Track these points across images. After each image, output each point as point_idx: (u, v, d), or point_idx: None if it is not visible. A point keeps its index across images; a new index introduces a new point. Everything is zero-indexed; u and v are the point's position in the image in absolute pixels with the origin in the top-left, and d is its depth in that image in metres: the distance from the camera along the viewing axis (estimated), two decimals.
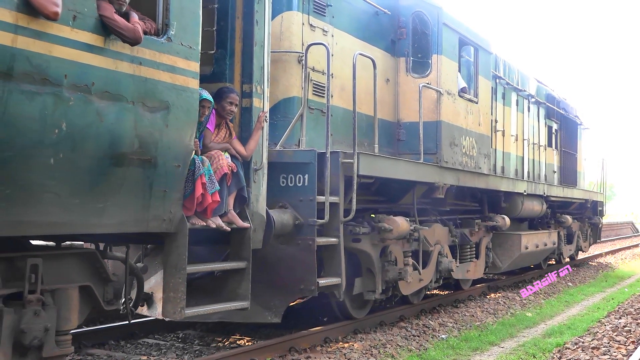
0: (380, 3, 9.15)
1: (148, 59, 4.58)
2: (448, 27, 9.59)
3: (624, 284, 15.16)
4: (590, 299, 12.60)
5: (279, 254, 6.87)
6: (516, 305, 11.24)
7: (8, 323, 4.13)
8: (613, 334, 8.42)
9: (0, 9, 3.67)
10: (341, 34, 8.30)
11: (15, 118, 3.77)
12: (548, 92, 16.20)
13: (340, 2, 8.30)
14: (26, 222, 4.02)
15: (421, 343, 8.11)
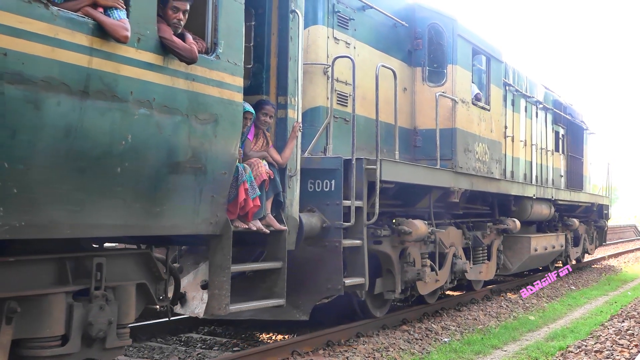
0: (397, 15, 9.60)
1: (200, 75, 5.01)
2: (462, 38, 10.03)
3: (627, 287, 15.21)
4: (593, 302, 12.64)
5: (306, 255, 7.28)
6: (519, 308, 11.31)
7: (78, 316, 4.56)
8: (616, 337, 8.39)
9: (78, 34, 4.10)
10: (362, 45, 8.74)
11: (90, 131, 4.20)
12: (555, 98, 16.62)
13: (362, 15, 8.75)
14: (97, 225, 4.45)
15: (424, 346, 8.12)
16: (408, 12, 9.89)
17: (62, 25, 4.01)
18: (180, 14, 4.87)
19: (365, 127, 8.56)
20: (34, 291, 4.35)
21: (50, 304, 4.41)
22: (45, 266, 4.48)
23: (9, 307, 4.16)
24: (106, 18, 4.24)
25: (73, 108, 4.08)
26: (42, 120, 3.92)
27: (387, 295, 8.69)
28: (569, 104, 18.00)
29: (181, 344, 7.71)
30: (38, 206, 4.02)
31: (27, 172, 3.90)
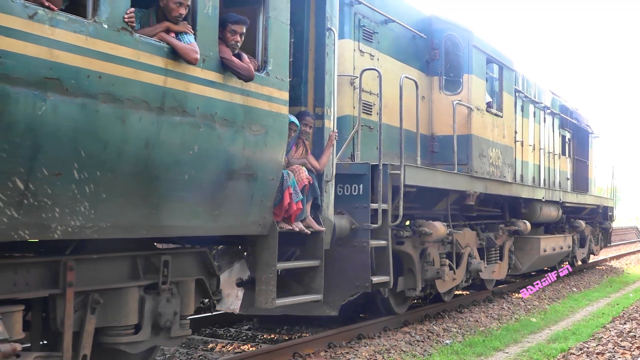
0: (416, 27, 10.17)
1: (253, 91, 5.57)
2: (477, 49, 10.60)
3: (629, 289, 15.30)
4: (594, 304, 12.67)
5: (336, 255, 7.82)
6: (520, 310, 11.37)
7: (148, 307, 5.13)
8: (618, 339, 8.35)
9: (156, 57, 4.67)
10: (385, 57, 9.31)
11: (164, 143, 4.76)
12: (562, 103, 17.19)
13: (384, 29, 9.32)
14: (167, 227, 5.01)
15: (425, 348, 8.13)
16: (425, 24, 10.46)
17: (143, 49, 4.58)
18: (238, 36, 5.43)
19: (387, 133, 9.11)
20: (112, 285, 4.91)
21: (126, 297, 4.98)
22: (120, 263, 5.05)
23: (93, 299, 4.72)
24: (179, 42, 4.80)
25: (151, 122, 4.64)
26: (127, 134, 4.48)
27: (408, 292, 9.25)
28: (574, 108, 18.57)
29: (182, 345, 7.68)
30: (121, 210, 4.58)
31: (114, 180, 4.46)
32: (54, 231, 4.17)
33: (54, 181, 4.08)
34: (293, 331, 8.75)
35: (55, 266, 4.53)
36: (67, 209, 4.20)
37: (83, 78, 4.14)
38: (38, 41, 3.88)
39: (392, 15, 9.40)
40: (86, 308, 4.70)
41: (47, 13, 3.95)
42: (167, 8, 4.86)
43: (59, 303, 4.54)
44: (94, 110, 4.22)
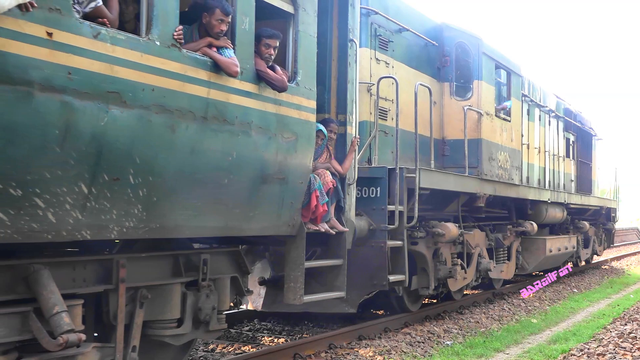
0: (427, 35, 10.56)
1: (284, 100, 5.96)
2: (486, 56, 11.00)
3: (630, 290, 15.36)
4: (595, 305, 12.69)
5: (354, 254, 8.21)
6: (521, 311, 11.40)
7: (190, 302, 5.52)
8: (619, 340, 8.36)
9: (201, 70, 5.07)
10: (399, 64, 9.71)
11: (207, 149, 5.15)
12: (566, 106, 17.59)
13: (399, 37, 9.72)
14: (207, 227, 5.40)
15: (426, 349, 8.15)
16: (437, 31, 10.86)
17: (189, 64, 4.97)
18: (272, 49, 5.82)
19: (402, 138, 9.49)
20: (158, 281, 5.30)
21: (170, 292, 5.38)
22: (164, 261, 5.44)
23: (142, 294, 5.11)
24: (221, 57, 5.20)
25: (196, 131, 5.03)
26: (176, 142, 4.87)
27: (421, 291, 9.64)
28: (578, 111, 18.97)
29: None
30: (168, 212, 4.97)
31: (163, 184, 4.85)
32: (111, 231, 4.57)
33: (112, 186, 4.46)
34: (294, 332, 8.90)
35: (108, 263, 4.92)
36: (123, 211, 4.59)
37: (139, 91, 4.53)
38: (101, 58, 4.27)
39: (405, 24, 9.80)
40: (135, 303, 5.10)
41: (109, 32, 4.35)
42: (209, 25, 5.25)
43: (112, 298, 4.93)
44: (147, 120, 4.61)
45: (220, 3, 5.23)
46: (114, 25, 4.48)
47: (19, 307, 4.23)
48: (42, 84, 3.92)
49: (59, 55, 4.02)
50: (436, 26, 10.93)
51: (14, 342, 4.22)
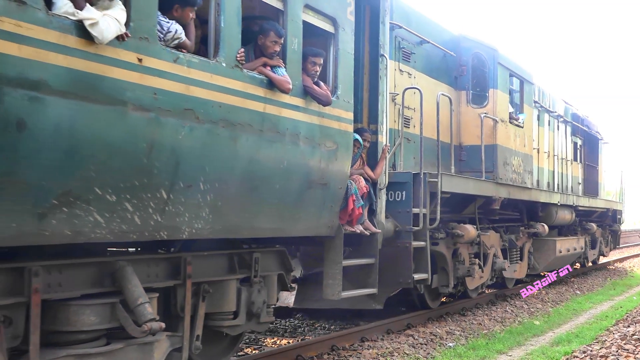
0: (445, 45, 11.16)
1: (327, 112, 6.56)
2: (501, 65, 11.60)
3: (632, 292, 15.42)
4: (598, 307, 12.73)
5: (381, 254, 8.79)
6: (524, 313, 11.47)
7: (244, 297, 6.12)
8: (622, 342, 8.37)
9: (258, 88, 5.67)
10: (420, 74, 10.31)
11: (262, 158, 5.75)
12: (573, 111, 18.19)
13: (420, 49, 10.31)
14: (261, 229, 6.00)
15: (428, 351, 8.18)
16: (454, 42, 11.46)
17: (249, 82, 5.57)
18: (317, 66, 6.43)
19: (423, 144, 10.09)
20: (217, 277, 5.90)
21: (227, 288, 5.97)
22: (222, 259, 6.03)
23: (204, 289, 5.71)
24: (275, 75, 5.80)
25: (254, 142, 5.63)
26: (237, 152, 5.47)
27: (441, 289, 10.23)
28: (585, 116, 19.57)
29: None
30: (230, 214, 5.56)
31: (226, 190, 5.44)
32: (183, 232, 5.16)
33: (186, 192, 5.06)
34: (296, 334, 9.05)
35: (176, 261, 5.51)
36: (194, 214, 5.18)
37: (209, 107, 5.13)
38: (180, 80, 4.88)
39: (426, 37, 10.39)
40: (198, 296, 5.69)
41: (185, 57, 4.95)
42: (264, 46, 5.85)
43: (179, 292, 5.52)
44: (215, 133, 5.21)
45: (274, 26, 5.84)
46: (191, 51, 5.08)
47: (108, 298, 4.82)
48: (134, 104, 4.52)
49: (147, 78, 4.62)
50: (453, 37, 11.53)
51: (103, 329, 4.82)
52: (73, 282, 4.68)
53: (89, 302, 4.69)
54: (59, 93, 4.04)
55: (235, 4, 5.41)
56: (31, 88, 3.88)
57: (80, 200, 4.30)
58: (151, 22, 4.68)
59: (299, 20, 6.18)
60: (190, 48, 5.09)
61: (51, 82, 3.99)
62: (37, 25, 3.92)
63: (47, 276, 4.45)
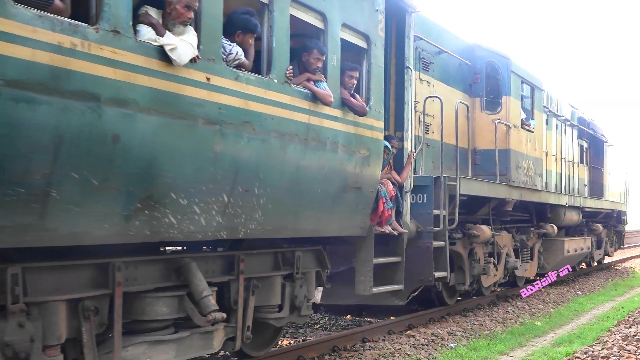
0: (461, 54, 11.74)
1: (361, 122, 7.14)
2: (514, 73, 12.19)
3: (634, 292, 15.44)
4: (599, 307, 12.74)
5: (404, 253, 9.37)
6: (525, 314, 11.45)
7: (288, 292, 6.70)
8: (623, 343, 8.36)
9: (304, 101, 6.25)
10: (438, 83, 10.89)
11: (306, 165, 6.33)
12: (580, 115, 18.77)
13: (438, 58, 10.90)
14: (302, 229, 6.59)
15: (430, 352, 8.21)
16: (469, 51, 12.05)
17: (296, 96, 6.16)
18: (353, 80, 7.01)
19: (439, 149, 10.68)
20: (265, 273, 6.48)
21: (273, 283, 6.56)
22: (269, 257, 6.62)
23: (254, 284, 6.29)
24: (318, 89, 6.38)
25: (300, 150, 6.21)
26: (286, 159, 6.05)
27: (458, 287, 10.81)
28: (591, 119, 20.14)
29: None
30: (278, 216, 6.15)
31: (276, 194, 6.02)
32: (239, 232, 5.75)
33: (243, 196, 5.64)
34: (297, 334, 9.10)
35: (230, 259, 6.10)
36: (249, 216, 5.77)
37: (263, 120, 5.72)
38: (240, 95, 5.47)
39: (443, 47, 10.98)
40: (249, 291, 6.26)
41: (244, 74, 5.53)
42: (307, 62, 6.44)
43: (233, 286, 6.11)
44: (268, 143, 5.80)
45: (317, 45, 6.43)
46: (249, 70, 5.67)
47: (177, 291, 5.41)
48: (203, 118, 5.11)
49: (213, 95, 5.21)
50: (468, 46, 12.11)
51: (172, 318, 5.40)
52: (147, 276, 5.26)
53: (161, 295, 5.28)
54: (145, 110, 4.63)
55: (284, 26, 6.00)
56: (123, 106, 4.47)
57: (158, 204, 4.89)
58: (217, 45, 5.27)
59: (337, 38, 6.77)
60: (248, 67, 5.68)
61: (139, 101, 4.58)
62: (128, 52, 4.51)
63: (127, 271, 5.04)
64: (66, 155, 4.16)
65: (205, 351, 5.74)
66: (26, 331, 4.27)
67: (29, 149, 3.96)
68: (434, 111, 10.41)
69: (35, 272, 4.43)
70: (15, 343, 4.21)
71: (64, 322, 4.59)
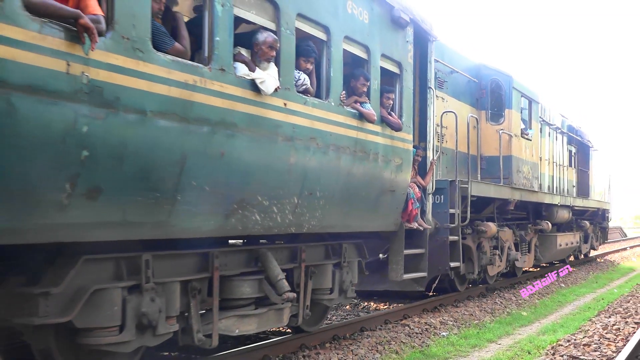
0: (469, 73, 12.58)
1: (396, 136, 7.97)
2: (515, 89, 13.03)
3: (614, 285, 15.55)
4: (581, 299, 12.86)
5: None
6: (512, 305, 11.56)
7: (337, 277, 7.53)
8: (603, 331, 8.44)
9: (353, 119, 7.08)
10: (450, 98, 11.73)
11: (355, 173, 7.15)
12: (569, 124, 19.61)
13: (450, 77, 11.75)
14: (350, 225, 7.41)
15: (423, 340, 8.30)
16: (476, 70, 12.89)
17: (348, 115, 6.99)
18: (390, 100, 7.84)
19: (452, 156, 11.52)
20: (319, 262, 7.31)
21: (326, 270, 7.39)
22: (322, 249, 7.45)
23: (311, 270, 7.12)
24: (364, 109, 7.21)
25: (350, 160, 7.04)
26: (340, 168, 6.88)
27: (468, 275, 11.64)
28: (578, 127, 20.98)
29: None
30: (332, 215, 6.97)
31: (332, 196, 6.85)
32: (304, 228, 6.57)
33: (308, 198, 6.47)
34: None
35: (294, 250, 6.93)
36: (311, 214, 6.60)
37: (325, 136, 6.55)
38: (308, 117, 6.30)
39: (455, 67, 11.82)
40: (308, 276, 7.10)
41: (310, 100, 6.37)
42: (355, 87, 7.27)
43: (296, 272, 6.94)
44: (327, 155, 6.63)
45: (363, 73, 7.26)
46: (313, 95, 6.51)
47: (257, 275, 6.24)
48: (282, 136, 5.95)
49: (289, 117, 6.05)
50: (475, 65, 12.95)
51: (253, 297, 6.23)
52: (235, 263, 6.10)
53: (246, 278, 6.12)
54: (241, 130, 5.47)
55: (339, 58, 6.84)
56: (227, 128, 5.31)
57: (249, 205, 5.73)
58: (291, 76, 6.12)
59: (377, 67, 7.60)
60: (312, 92, 6.51)
61: (237, 123, 5.42)
62: (230, 85, 5.35)
63: (221, 259, 5.87)
64: (188, 168, 4.99)
65: (278, 324, 6.59)
66: (156, 304, 5.12)
67: (165, 164, 4.79)
68: (447, 123, 11.25)
69: (159, 259, 5.26)
70: (149, 313, 5.05)
71: (179, 298, 5.43)
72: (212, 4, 5.19)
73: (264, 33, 5.79)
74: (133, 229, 4.73)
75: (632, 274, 18.16)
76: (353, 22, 7.07)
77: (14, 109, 3.75)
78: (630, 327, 8.83)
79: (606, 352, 7.31)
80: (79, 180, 4.20)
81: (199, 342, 5.63)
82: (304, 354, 7.05)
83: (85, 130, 4.16)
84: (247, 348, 6.85)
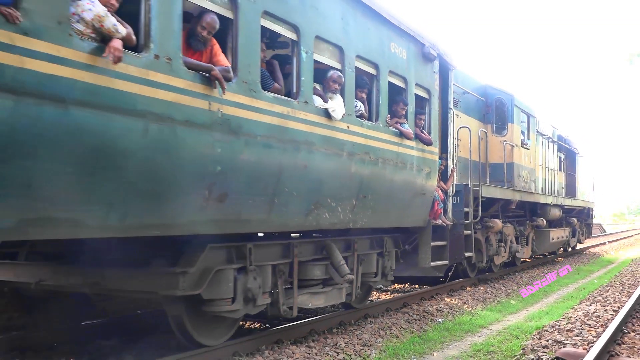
0: (477, 93, 13.50)
1: (426, 149, 8.88)
2: (516, 106, 13.94)
3: (594, 276, 15.58)
4: (565, 289, 12.90)
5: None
6: (502, 294, 11.67)
7: (380, 264, 8.46)
8: (585, 318, 8.50)
9: (394, 137, 8.01)
10: (463, 115, 12.65)
11: (396, 180, 8.09)
12: (559, 133, 20.45)
13: (463, 97, 12.67)
14: (389, 222, 8.33)
15: (421, 326, 8.41)
16: (483, 89, 13.81)
17: (391, 134, 7.93)
18: (422, 121, 8.77)
19: (464, 163, 12.45)
20: (368, 251, 8.25)
21: (372, 258, 8.32)
22: (368, 241, 8.39)
23: (361, 258, 8.05)
24: (403, 129, 8.15)
25: (392, 170, 7.98)
26: (385, 176, 7.81)
27: (478, 264, 12.55)
28: (567, 136, 21.83)
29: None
30: (379, 214, 7.90)
31: (379, 199, 7.77)
32: (358, 224, 7.51)
33: (362, 200, 7.40)
34: (309, 311, 8.55)
35: (349, 241, 7.87)
36: (364, 213, 7.53)
37: (375, 151, 7.50)
38: (363, 136, 7.24)
39: (467, 88, 12.75)
40: (359, 263, 8.03)
41: (365, 122, 7.31)
42: (396, 110, 8.19)
43: (350, 260, 7.87)
44: (377, 166, 7.57)
45: (402, 99, 8.20)
46: (366, 117, 7.44)
47: (323, 262, 7.18)
48: (346, 151, 6.89)
49: (351, 137, 7.00)
50: (482, 86, 13.87)
51: (321, 278, 7.17)
52: (308, 251, 7.05)
53: (316, 263, 7.06)
54: (319, 148, 6.42)
55: (385, 89, 7.79)
56: (309, 146, 6.26)
57: (321, 206, 6.67)
58: (352, 104, 7.06)
59: (413, 94, 8.54)
60: (366, 116, 7.45)
61: (316, 142, 6.38)
62: (311, 113, 6.31)
63: (299, 248, 6.82)
64: (283, 177, 5.95)
65: (339, 301, 7.53)
66: (257, 282, 6.08)
67: (268, 174, 5.75)
68: (461, 136, 12.16)
69: (257, 247, 6.22)
70: (252, 289, 6.01)
71: (270, 278, 6.38)
72: (299, 52, 6.15)
73: (333, 71, 6.74)
74: (245, 224, 5.69)
75: (611, 266, 18.39)
76: (395, 59, 8.02)
77: (178, 138, 4.72)
78: (609, 314, 8.96)
79: (587, 337, 7.37)
80: (214, 188, 5.16)
81: (284, 313, 6.58)
82: (313, 339, 7.06)
83: (219, 151, 5.12)
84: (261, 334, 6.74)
